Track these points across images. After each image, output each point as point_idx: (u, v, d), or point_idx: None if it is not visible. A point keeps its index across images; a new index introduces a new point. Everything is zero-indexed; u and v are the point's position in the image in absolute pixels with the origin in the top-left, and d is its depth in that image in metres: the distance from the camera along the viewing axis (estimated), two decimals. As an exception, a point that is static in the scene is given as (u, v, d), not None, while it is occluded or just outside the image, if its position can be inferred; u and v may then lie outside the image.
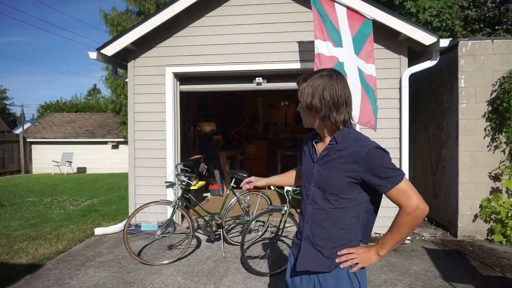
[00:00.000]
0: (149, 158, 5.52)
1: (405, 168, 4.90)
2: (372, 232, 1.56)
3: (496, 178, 4.83)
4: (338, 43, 4.33)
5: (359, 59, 4.38)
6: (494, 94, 4.81)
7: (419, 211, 1.35)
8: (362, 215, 1.49)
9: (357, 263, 1.46)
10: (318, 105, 1.44)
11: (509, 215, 4.60)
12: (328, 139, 1.52)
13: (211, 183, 7.68)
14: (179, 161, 5.66)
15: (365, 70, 4.38)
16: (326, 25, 4.32)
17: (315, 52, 4.30)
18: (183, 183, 4.37)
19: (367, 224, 1.52)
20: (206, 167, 6.28)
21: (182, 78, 5.70)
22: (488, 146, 4.86)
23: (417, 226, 1.40)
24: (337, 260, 1.47)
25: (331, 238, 1.49)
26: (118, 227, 5.45)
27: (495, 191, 4.83)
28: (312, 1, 4.35)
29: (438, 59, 4.81)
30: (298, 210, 4.16)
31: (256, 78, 5.45)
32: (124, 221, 5.68)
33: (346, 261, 1.46)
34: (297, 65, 5.17)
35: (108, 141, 15.74)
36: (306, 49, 5.10)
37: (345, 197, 1.45)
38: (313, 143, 1.58)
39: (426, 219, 5.91)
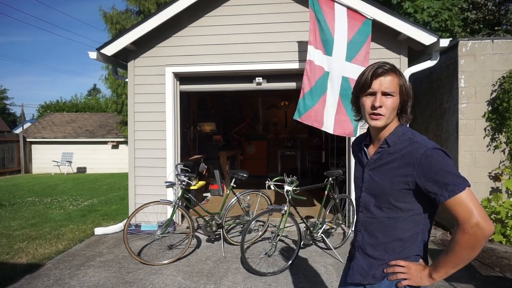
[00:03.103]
0: (149, 158, 5.52)
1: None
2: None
3: (496, 178, 4.83)
4: (328, 51, 4.35)
5: (353, 64, 4.38)
6: (494, 94, 4.81)
7: (478, 229, 1.13)
8: (422, 229, 1.33)
9: (405, 279, 1.30)
10: (407, 98, 1.35)
11: (509, 215, 4.60)
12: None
13: (211, 183, 7.68)
14: (179, 161, 5.66)
15: (356, 77, 4.38)
16: (320, 30, 4.33)
17: (307, 58, 4.33)
18: (183, 183, 4.37)
19: (424, 238, 1.36)
20: (206, 167, 6.27)
21: (182, 78, 5.70)
22: (488, 146, 4.86)
23: (478, 249, 1.16)
24: (385, 271, 1.36)
25: (385, 249, 1.36)
26: (118, 227, 5.46)
27: (495, 191, 4.83)
28: (310, 3, 4.35)
29: (438, 59, 4.81)
30: (298, 210, 4.17)
31: (256, 78, 5.46)
32: (124, 221, 5.67)
33: (393, 273, 1.33)
34: (297, 65, 5.17)
35: (108, 141, 15.74)
36: (306, 49, 5.05)
37: (399, 205, 1.31)
38: (363, 146, 1.47)
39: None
